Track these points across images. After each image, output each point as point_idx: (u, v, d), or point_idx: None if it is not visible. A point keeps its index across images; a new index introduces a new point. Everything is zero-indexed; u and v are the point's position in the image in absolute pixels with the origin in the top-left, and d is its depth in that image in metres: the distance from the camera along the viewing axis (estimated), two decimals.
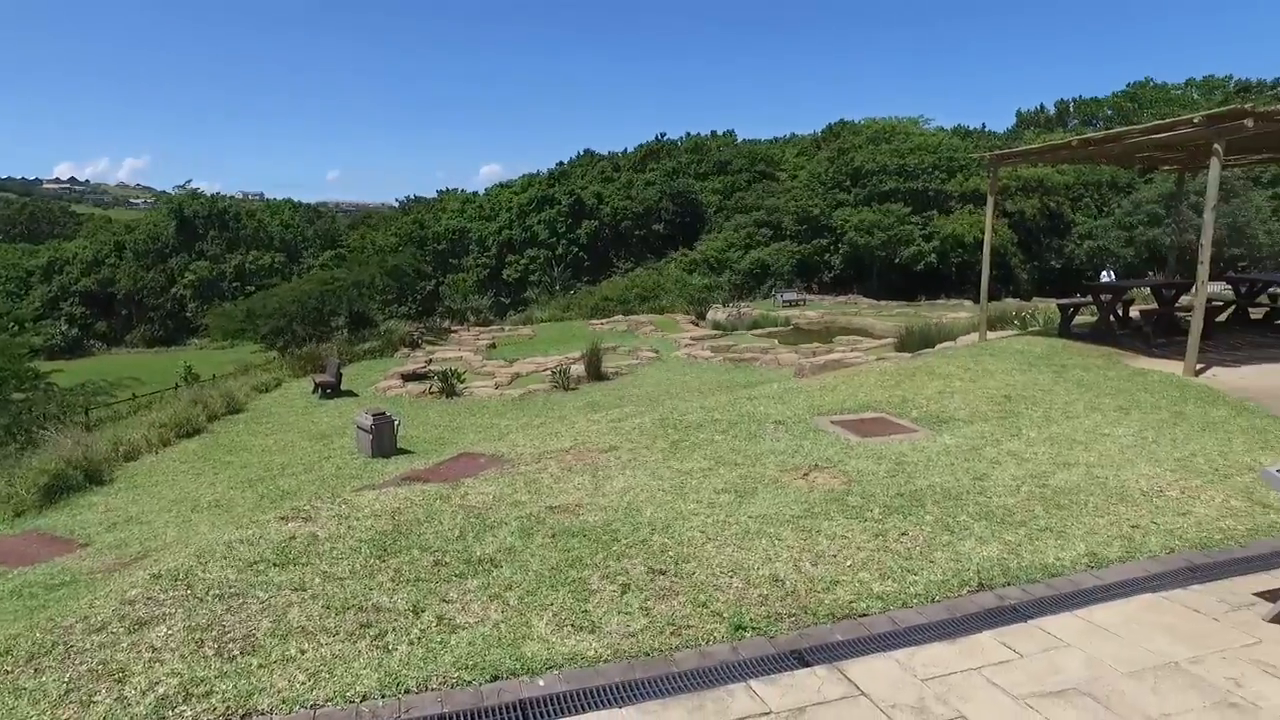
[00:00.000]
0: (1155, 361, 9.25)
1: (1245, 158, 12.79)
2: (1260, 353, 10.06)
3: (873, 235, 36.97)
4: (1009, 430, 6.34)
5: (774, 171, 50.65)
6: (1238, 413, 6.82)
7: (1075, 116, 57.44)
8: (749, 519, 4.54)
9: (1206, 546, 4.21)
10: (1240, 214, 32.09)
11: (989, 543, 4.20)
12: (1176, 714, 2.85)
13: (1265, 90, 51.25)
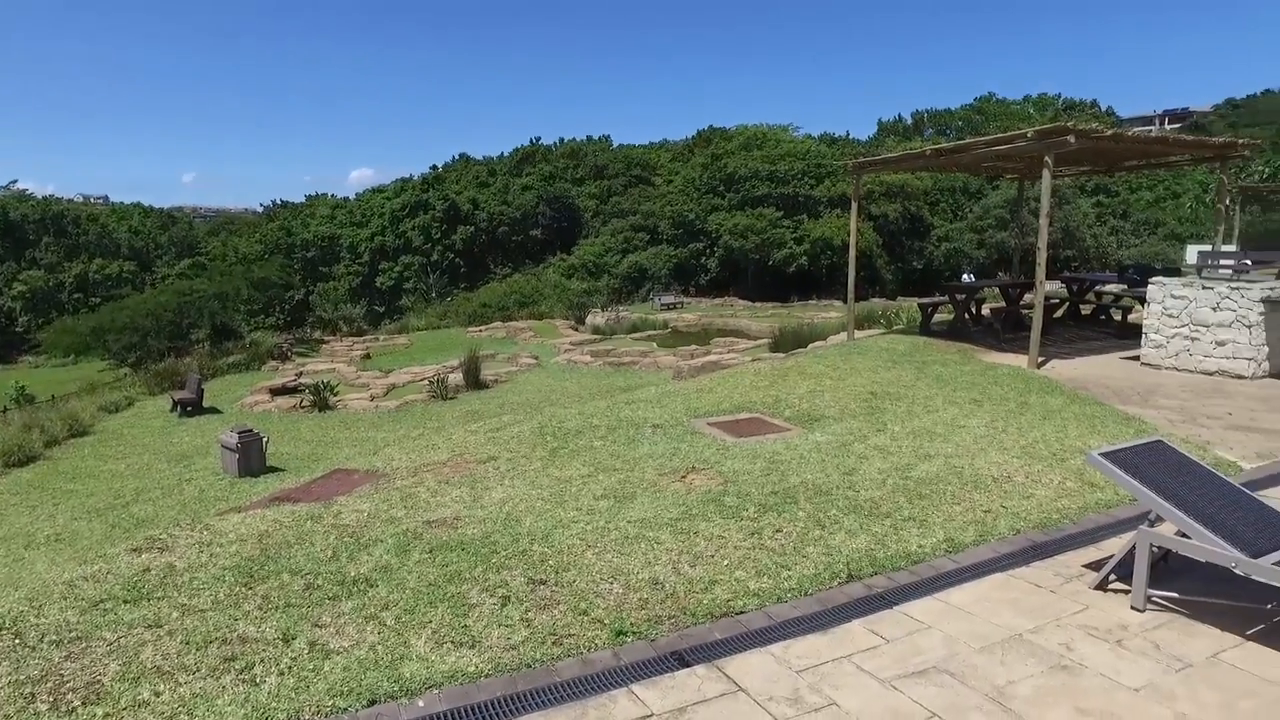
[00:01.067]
0: (1004, 356, 9.96)
1: (1072, 169, 13.96)
2: (1089, 345, 11.01)
3: (747, 239, 38.03)
4: (875, 426, 6.68)
5: (650, 176, 51.33)
6: (1072, 401, 7.44)
7: (930, 126, 61.08)
8: (628, 524, 4.59)
9: (1046, 526, 4.57)
10: (1071, 219, 34.96)
11: (858, 535, 4.41)
12: (1019, 680, 3.08)
13: (1086, 109, 56.17)
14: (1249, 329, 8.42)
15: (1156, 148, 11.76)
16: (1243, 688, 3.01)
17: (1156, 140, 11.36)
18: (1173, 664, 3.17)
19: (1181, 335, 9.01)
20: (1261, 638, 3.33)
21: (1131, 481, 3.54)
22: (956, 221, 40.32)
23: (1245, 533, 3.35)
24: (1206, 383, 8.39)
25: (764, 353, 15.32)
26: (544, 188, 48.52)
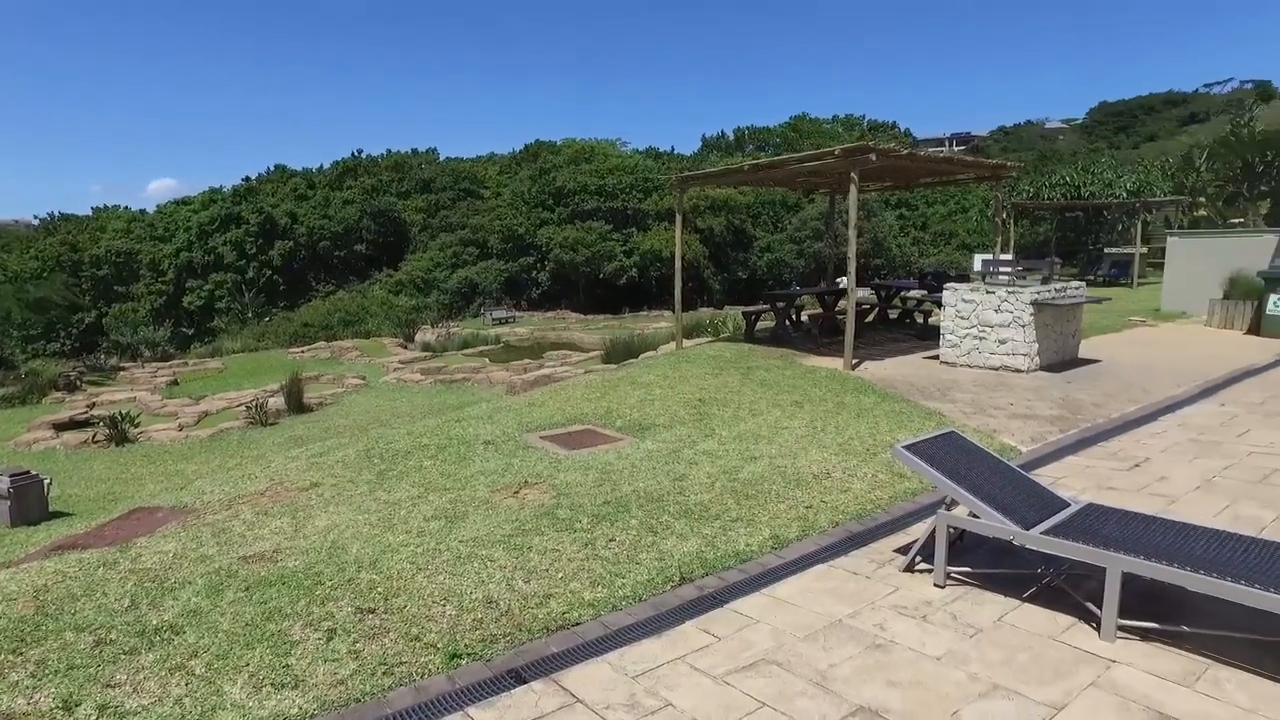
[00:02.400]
0: (822, 359, 10.60)
1: (876, 184, 15.11)
2: (897, 346, 11.93)
3: (577, 252, 38.32)
4: (704, 431, 6.91)
5: (479, 190, 50.61)
6: (882, 399, 8.03)
7: (751, 142, 64.14)
8: (460, 543, 4.49)
9: (862, 516, 4.91)
10: (879, 230, 37.81)
11: (689, 539, 4.54)
12: (840, 663, 3.28)
13: (888, 130, 61.11)
14: (1023, 328, 9.43)
15: (944, 166, 12.97)
16: (1020, 643, 3.37)
17: (944, 160, 12.53)
18: (967, 631, 3.49)
19: (972, 335, 9.96)
20: (1034, 599, 3.74)
21: (930, 470, 3.87)
22: (777, 233, 42.53)
23: (1021, 508, 3.75)
24: (992, 377, 9.31)
25: (596, 364, 15.47)
26: (368, 201, 46.64)
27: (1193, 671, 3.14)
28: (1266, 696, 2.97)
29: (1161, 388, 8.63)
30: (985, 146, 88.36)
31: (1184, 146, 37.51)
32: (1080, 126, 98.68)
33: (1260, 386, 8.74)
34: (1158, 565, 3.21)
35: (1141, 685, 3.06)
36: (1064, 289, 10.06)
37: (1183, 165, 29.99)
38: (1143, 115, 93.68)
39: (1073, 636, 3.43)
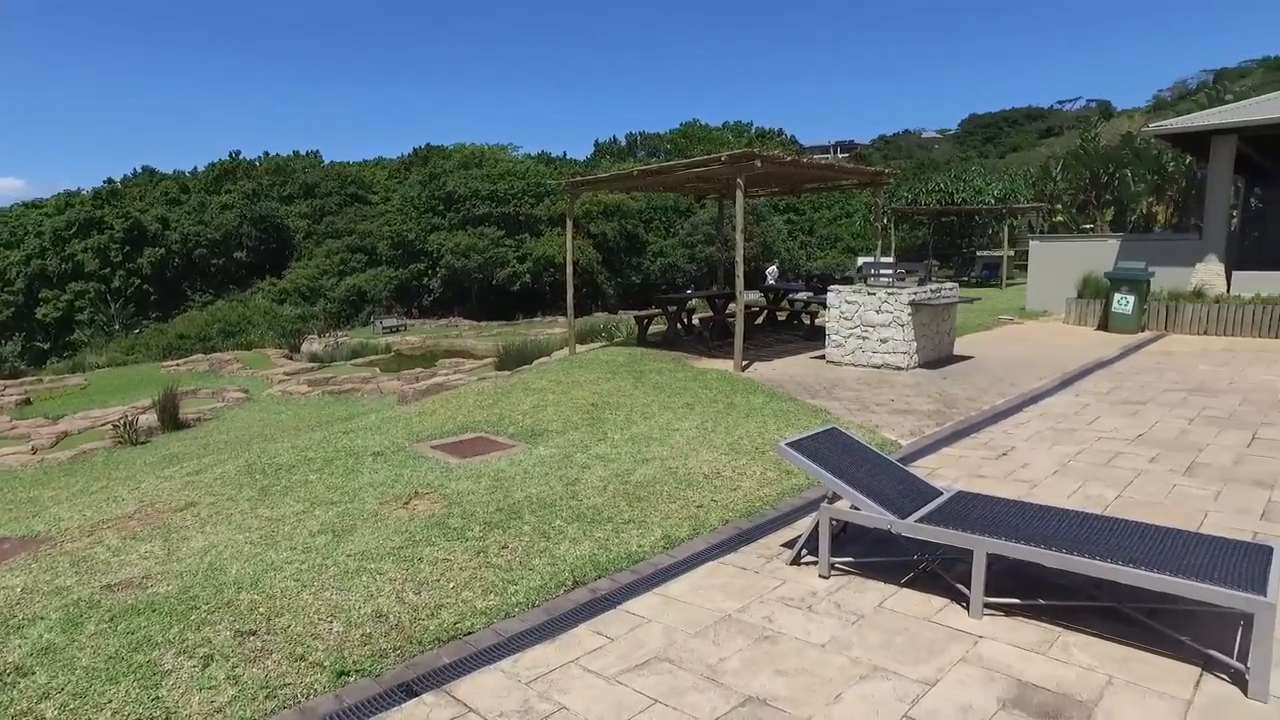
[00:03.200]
0: (713, 361, 10.81)
1: (764, 190, 15.54)
2: (786, 347, 12.30)
3: (469, 258, 37.77)
4: (597, 435, 6.94)
5: (366, 195, 49.19)
6: (771, 398, 8.27)
7: (643, 148, 64.76)
8: (348, 558, 4.36)
9: (751, 513, 5.04)
10: (769, 235, 38.88)
11: (582, 542, 4.56)
12: (729, 656, 3.37)
13: (775, 137, 62.96)
14: (903, 327, 9.91)
15: (827, 172, 13.48)
16: (898, 626, 3.55)
17: (826, 166, 13.02)
18: (850, 618, 3.64)
19: (855, 335, 10.38)
20: (912, 584, 3.94)
21: (813, 466, 4.01)
22: (669, 238, 43.13)
23: (898, 499, 3.95)
24: (875, 375, 9.74)
25: (490, 371, 15.29)
26: (247, 206, 44.54)
27: (1047, 640, 3.38)
28: (1104, 656, 3.24)
29: (1026, 381, 9.23)
30: (867, 154, 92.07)
31: (1043, 157, 40.28)
32: (953, 136, 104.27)
33: (1108, 377, 9.48)
34: (1017, 545, 3.44)
35: (1004, 656, 3.27)
36: (939, 290, 10.63)
37: (1041, 175, 32.15)
38: (1007, 127, 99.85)
39: (945, 616, 3.63)
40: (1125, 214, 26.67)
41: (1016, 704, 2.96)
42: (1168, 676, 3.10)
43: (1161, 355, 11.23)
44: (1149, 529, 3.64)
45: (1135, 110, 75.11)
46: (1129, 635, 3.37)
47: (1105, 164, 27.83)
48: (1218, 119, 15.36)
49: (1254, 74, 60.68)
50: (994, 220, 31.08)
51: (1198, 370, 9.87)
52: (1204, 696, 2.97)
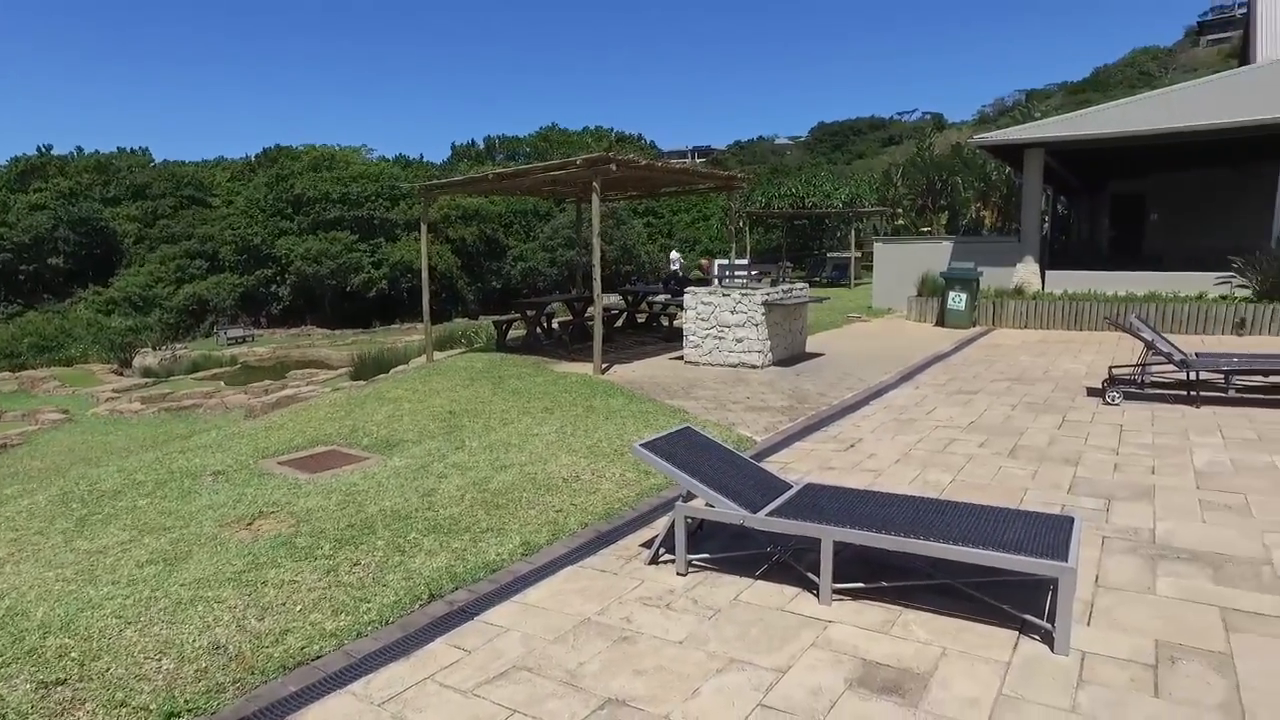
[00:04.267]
0: (573, 365, 10.81)
1: (621, 193, 15.69)
2: (645, 349, 12.46)
3: (321, 264, 36.10)
4: (454, 444, 6.78)
5: (206, 197, 46.05)
6: (630, 400, 8.35)
7: (502, 151, 64.01)
8: (181, 588, 4.04)
9: (610, 515, 5.06)
10: (629, 238, 39.31)
11: (438, 554, 4.43)
12: (589, 660, 3.36)
13: (634, 142, 63.82)
14: (757, 327, 10.25)
15: (683, 176, 13.77)
16: (753, 618, 3.65)
17: (681, 170, 13.30)
18: (706, 613, 3.72)
19: (712, 336, 10.64)
20: (765, 576, 4.07)
21: (667, 466, 4.07)
22: (530, 242, 42.84)
23: (749, 494, 4.07)
24: (732, 374, 10.02)
25: (345, 381, 14.68)
26: (64, 207, 40.59)
27: (890, 620, 3.57)
28: (939, 629, 3.46)
29: (872, 375, 9.76)
30: (723, 159, 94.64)
31: (885, 164, 42.81)
32: (804, 143, 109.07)
33: (944, 370, 10.18)
34: (860, 532, 3.62)
35: (851, 639, 3.43)
36: (790, 290, 11.07)
37: (884, 180, 34.19)
38: (853, 136, 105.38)
39: (798, 605, 3.77)
40: (958, 218, 28.78)
41: (862, 682, 3.10)
42: (992, 642, 3.34)
43: (990, 348, 12.17)
44: (975, 509, 3.92)
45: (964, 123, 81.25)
46: (961, 608, 3.62)
47: (939, 171, 29.95)
48: (1028, 134, 16.85)
49: (1056, 96, 67.58)
50: (842, 223, 32.73)
51: (1020, 361, 10.76)
52: (1020, 657, 3.23)
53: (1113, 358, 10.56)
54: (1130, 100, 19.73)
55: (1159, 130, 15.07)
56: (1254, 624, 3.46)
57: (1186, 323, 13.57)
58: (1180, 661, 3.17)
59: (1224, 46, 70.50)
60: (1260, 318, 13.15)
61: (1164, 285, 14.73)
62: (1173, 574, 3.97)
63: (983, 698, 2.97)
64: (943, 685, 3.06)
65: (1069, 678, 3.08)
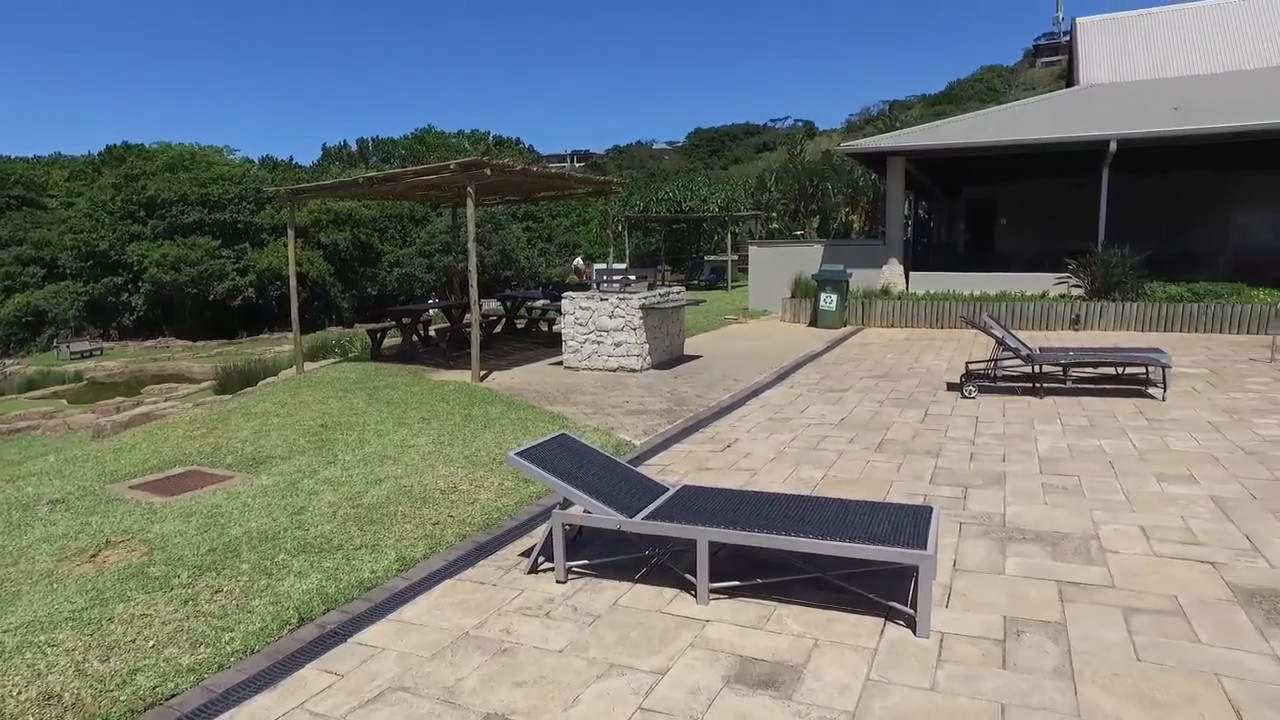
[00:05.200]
0: (451, 373, 10.59)
1: (498, 198, 15.50)
2: (525, 355, 12.36)
3: (180, 271, 33.91)
4: (326, 458, 6.51)
5: (40, 198, 42.44)
6: (510, 408, 8.25)
7: (376, 154, 62.06)
8: (5, 634, 3.70)
9: (489, 526, 4.98)
10: (508, 243, 38.89)
11: (308, 575, 4.24)
12: (467, 675, 3.29)
13: (512, 145, 63.30)
14: (635, 331, 10.35)
15: (559, 181, 13.73)
16: (632, 622, 3.68)
17: (557, 175, 13.27)
18: (586, 620, 3.72)
19: (590, 340, 10.66)
20: (645, 579, 4.10)
21: (542, 473, 4.05)
22: (406, 247, 41.71)
23: (626, 498, 4.10)
24: (611, 378, 10.07)
25: (208, 396, 13.84)
26: None
27: (765, 615, 3.68)
28: (812, 622, 3.59)
29: (748, 376, 10.02)
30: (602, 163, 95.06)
31: (759, 170, 44.15)
32: (681, 148, 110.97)
33: (817, 369, 10.58)
34: (733, 531, 3.71)
35: (728, 636, 3.51)
36: (667, 294, 11.23)
37: (759, 185, 35.25)
38: (729, 141, 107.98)
39: (676, 606, 3.82)
40: (829, 221, 30.04)
41: (739, 679, 3.18)
42: (860, 631, 3.50)
43: (859, 347, 12.74)
44: (843, 504, 4.09)
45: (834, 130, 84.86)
46: (833, 600, 3.76)
47: (810, 177, 31.18)
48: (890, 143, 17.77)
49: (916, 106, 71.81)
50: (719, 227, 33.49)
51: (887, 359, 11.32)
52: (886, 642, 3.39)
53: (970, 353, 11.26)
54: (978, 114, 21.15)
55: (1000, 142, 16.25)
56: (1083, 594, 3.77)
57: (1032, 320, 14.63)
58: (1024, 634, 3.42)
59: (1054, 68, 77.09)
60: (1092, 314, 14.34)
61: (1013, 285, 15.84)
62: (1019, 554, 4.26)
63: (852, 684, 3.10)
64: (815, 675, 3.17)
65: (929, 658, 3.26)
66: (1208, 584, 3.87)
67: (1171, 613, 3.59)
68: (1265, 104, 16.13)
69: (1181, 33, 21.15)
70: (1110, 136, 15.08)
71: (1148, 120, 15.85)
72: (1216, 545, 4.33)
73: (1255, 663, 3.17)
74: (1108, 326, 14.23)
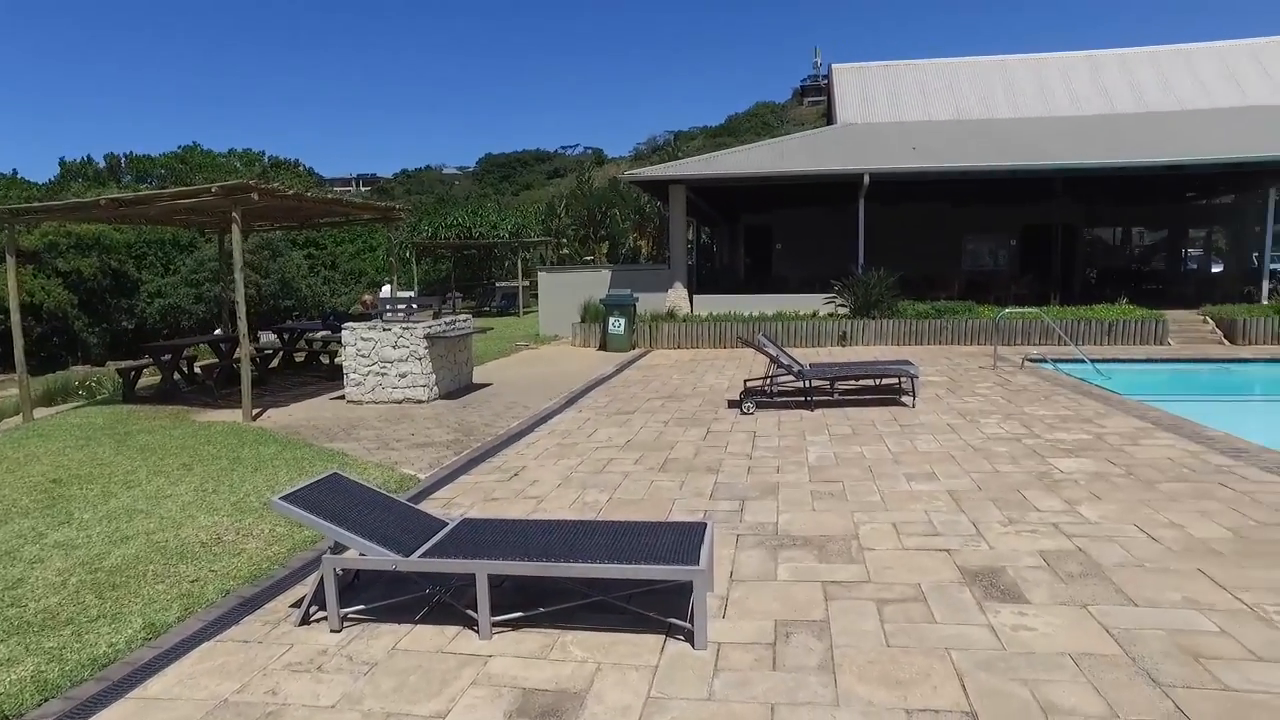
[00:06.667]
0: (220, 413, 9.73)
1: (272, 223, 14.51)
2: (305, 391, 11.62)
3: None
4: (58, 518, 5.72)
5: None
6: (285, 447, 7.70)
7: (130, 172, 56.13)
8: None
9: (257, 578, 4.59)
10: (287, 271, 36.46)
11: (21, 661, 3.68)
12: None
13: (290, 167, 59.63)
14: (420, 361, 10.04)
15: (337, 208, 13.09)
16: (412, 665, 3.52)
17: (334, 201, 12.65)
18: (362, 669, 3.51)
19: (374, 372, 10.21)
20: (427, 619, 3.95)
21: (309, 517, 3.80)
22: (170, 275, 37.95)
23: (402, 537, 3.94)
24: (397, 411, 9.69)
25: None
26: None
27: (549, 644, 3.65)
28: (595, 646, 3.61)
29: (538, 402, 10.02)
30: (390, 188, 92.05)
31: (550, 196, 44.59)
32: (472, 174, 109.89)
33: (606, 393, 10.78)
34: (511, 562, 3.67)
35: (511, 670, 3.44)
36: (453, 322, 11.00)
37: (549, 211, 35.58)
38: (520, 167, 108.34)
39: (459, 644, 3.71)
40: (618, 247, 30.86)
41: (521, 712, 3.13)
42: (642, 650, 3.56)
43: (647, 369, 13.14)
44: (622, 525, 4.17)
45: (622, 158, 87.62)
46: (616, 623, 3.81)
47: (599, 204, 31.90)
48: (671, 171, 18.62)
49: (699, 137, 76.11)
50: (510, 253, 33.41)
51: (673, 380, 11.76)
52: (667, 658, 3.48)
53: (750, 371, 11.96)
54: (751, 146, 22.70)
55: (768, 173, 17.58)
56: (844, 591, 4.09)
57: (806, 337, 15.82)
58: (792, 635, 3.64)
59: (819, 107, 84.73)
60: (857, 331, 15.76)
61: (788, 305, 17.07)
62: (790, 560, 4.55)
63: (634, 704, 3.15)
64: (598, 699, 3.19)
65: (707, 669, 3.38)
66: (943, 569, 4.33)
67: (915, 599, 3.97)
68: (985, 148, 18.62)
69: (918, 84, 23.94)
70: (864, 170, 16.74)
71: (893, 158, 17.77)
72: (951, 534, 4.87)
73: (975, 633, 3.58)
74: (870, 342, 15.67)
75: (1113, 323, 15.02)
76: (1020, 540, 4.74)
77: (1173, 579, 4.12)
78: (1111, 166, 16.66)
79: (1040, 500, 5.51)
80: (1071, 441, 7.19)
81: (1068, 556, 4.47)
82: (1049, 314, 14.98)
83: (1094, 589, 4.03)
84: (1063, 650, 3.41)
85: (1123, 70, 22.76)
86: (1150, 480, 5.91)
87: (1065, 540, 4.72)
